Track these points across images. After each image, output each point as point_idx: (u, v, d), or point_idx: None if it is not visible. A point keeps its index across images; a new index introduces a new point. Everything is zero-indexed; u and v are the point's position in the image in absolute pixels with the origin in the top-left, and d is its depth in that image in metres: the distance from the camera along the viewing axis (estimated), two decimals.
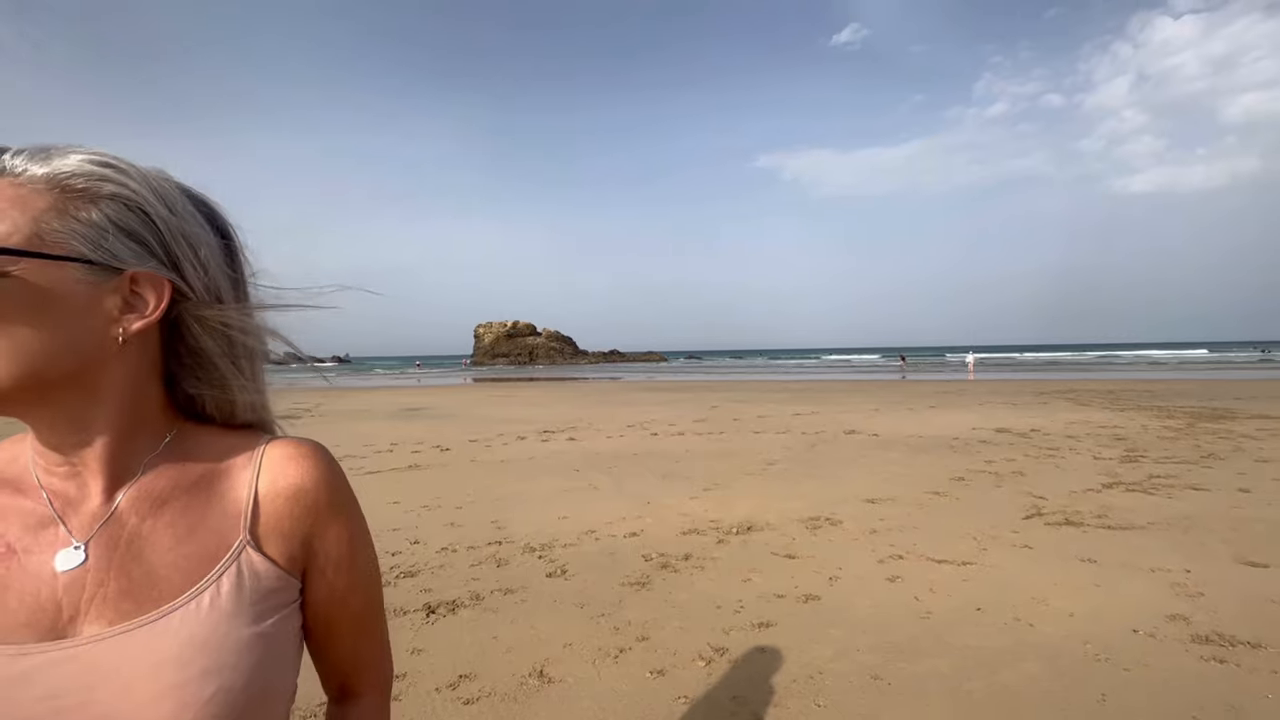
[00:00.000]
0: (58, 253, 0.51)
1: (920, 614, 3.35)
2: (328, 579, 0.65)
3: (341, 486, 0.66)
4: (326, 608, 0.66)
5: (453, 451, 9.36)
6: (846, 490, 6.23)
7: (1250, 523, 4.82)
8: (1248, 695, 2.51)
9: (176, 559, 0.57)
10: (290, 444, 0.66)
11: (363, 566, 0.68)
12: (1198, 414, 12.19)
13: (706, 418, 13.40)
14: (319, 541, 0.64)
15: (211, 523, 0.60)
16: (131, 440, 0.59)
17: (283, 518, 0.62)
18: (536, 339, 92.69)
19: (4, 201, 0.51)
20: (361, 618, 0.70)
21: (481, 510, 5.76)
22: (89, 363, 0.54)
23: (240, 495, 0.62)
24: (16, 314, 0.50)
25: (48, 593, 0.54)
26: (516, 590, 3.78)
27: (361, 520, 0.69)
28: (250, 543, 0.60)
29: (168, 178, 0.60)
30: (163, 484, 0.60)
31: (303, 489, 0.63)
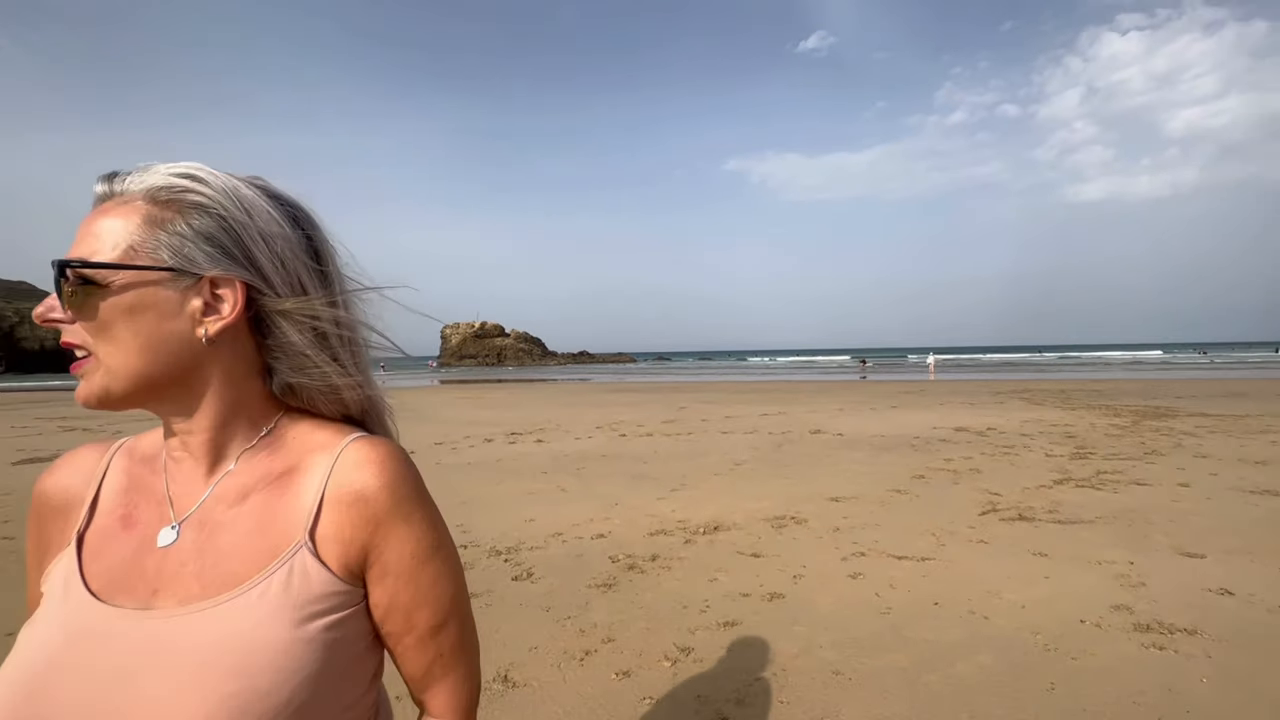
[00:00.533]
0: (144, 263, 0.58)
1: (881, 609, 3.43)
2: (389, 591, 0.63)
3: (410, 494, 0.64)
4: (390, 621, 0.64)
5: (417, 454, 9.19)
6: (812, 489, 6.33)
7: (1189, 515, 5.06)
8: (1185, 679, 2.64)
9: (246, 551, 0.60)
10: (367, 445, 0.64)
11: (431, 580, 0.64)
12: (1142, 412, 12.77)
13: (675, 418, 13.46)
14: (380, 550, 0.62)
15: (282, 518, 0.61)
16: (230, 431, 0.64)
17: (343, 523, 0.61)
18: (505, 340, 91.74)
19: (109, 219, 0.58)
20: (431, 635, 0.65)
21: (446, 513, 5.54)
22: (183, 361, 0.60)
23: (311, 494, 0.62)
24: (119, 320, 0.57)
25: (148, 565, 0.60)
26: (481, 594, 3.73)
27: (434, 532, 0.65)
28: (308, 544, 0.60)
29: (252, 182, 0.63)
30: (251, 475, 0.63)
31: (365, 494, 0.62)
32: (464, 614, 0.69)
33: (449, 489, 6.71)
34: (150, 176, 0.59)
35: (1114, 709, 2.44)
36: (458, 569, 0.68)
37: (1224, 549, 4.23)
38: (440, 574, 0.66)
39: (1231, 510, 5.20)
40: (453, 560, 0.68)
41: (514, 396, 22.54)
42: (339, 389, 0.66)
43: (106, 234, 0.57)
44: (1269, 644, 2.92)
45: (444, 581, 0.66)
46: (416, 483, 0.65)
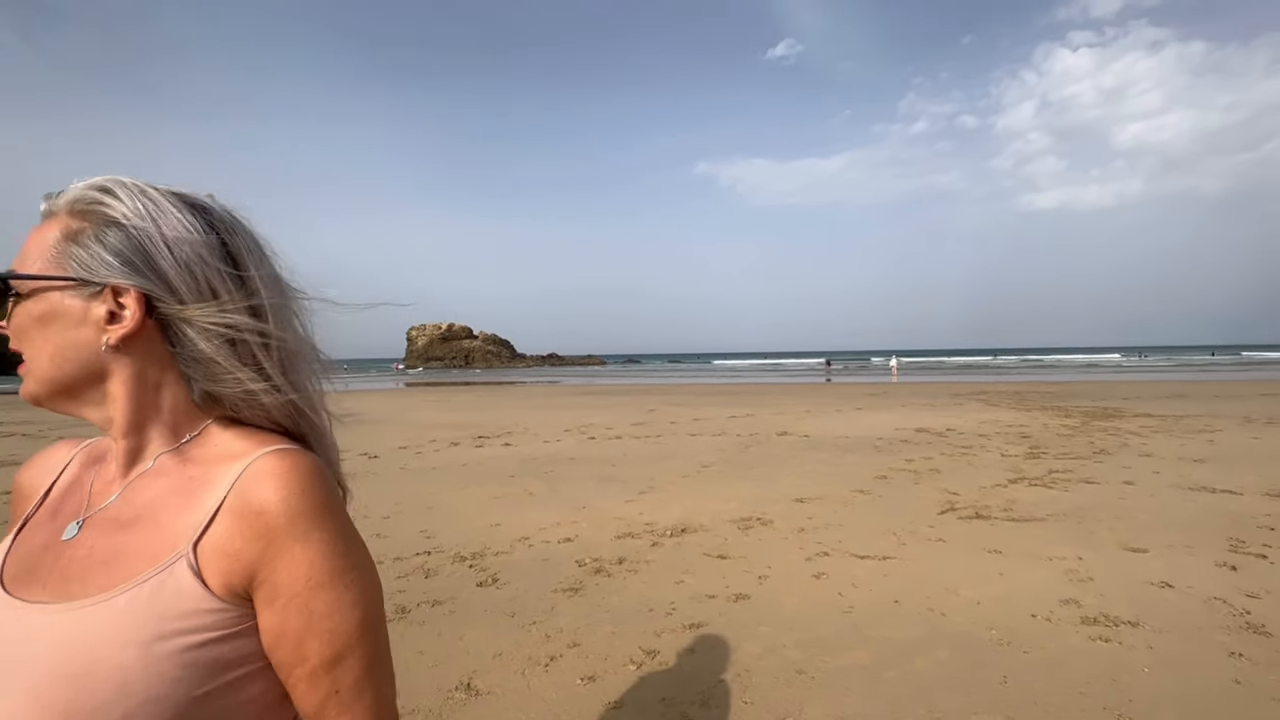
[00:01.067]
0: (54, 273, 0.60)
1: (843, 608, 3.49)
2: (278, 616, 0.58)
3: (310, 512, 0.58)
4: (279, 650, 0.58)
5: (381, 459, 9.00)
6: (778, 490, 6.41)
7: (1133, 512, 5.29)
8: (1128, 669, 2.75)
9: (132, 555, 0.58)
10: (276, 457, 0.61)
11: (327, 608, 0.58)
12: (1091, 413, 13.31)
13: (644, 421, 13.48)
14: (270, 570, 0.57)
15: (175, 527, 0.59)
16: (145, 436, 0.63)
17: (233, 536, 0.58)
18: (473, 342, 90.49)
19: (39, 234, 0.62)
20: (324, 669, 0.59)
21: (410, 520, 5.56)
22: (91, 368, 0.61)
23: (210, 503, 0.60)
24: (35, 329, 0.60)
25: (51, 559, 0.60)
26: (445, 601, 3.67)
27: (336, 555, 0.59)
28: (189, 556, 0.57)
29: (161, 188, 0.63)
30: (161, 480, 0.62)
31: (259, 508, 0.58)
32: (370, 650, 0.61)
33: (413, 494, 6.58)
34: (72, 191, 0.62)
35: (1062, 700, 2.54)
36: (367, 598, 0.61)
37: (1165, 544, 4.43)
38: (340, 602, 0.59)
39: (1172, 506, 5.45)
40: (360, 588, 0.61)
41: (481, 399, 22.26)
42: (256, 396, 0.64)
43: (33, 248, 0.61)
44: (1205, 634, 3.07)
45: (344, 611, 0.59)
46: (322, 500, 0.60)
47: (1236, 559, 4.08)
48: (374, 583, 0.63)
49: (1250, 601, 3.42)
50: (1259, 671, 2.70)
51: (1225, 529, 4.74)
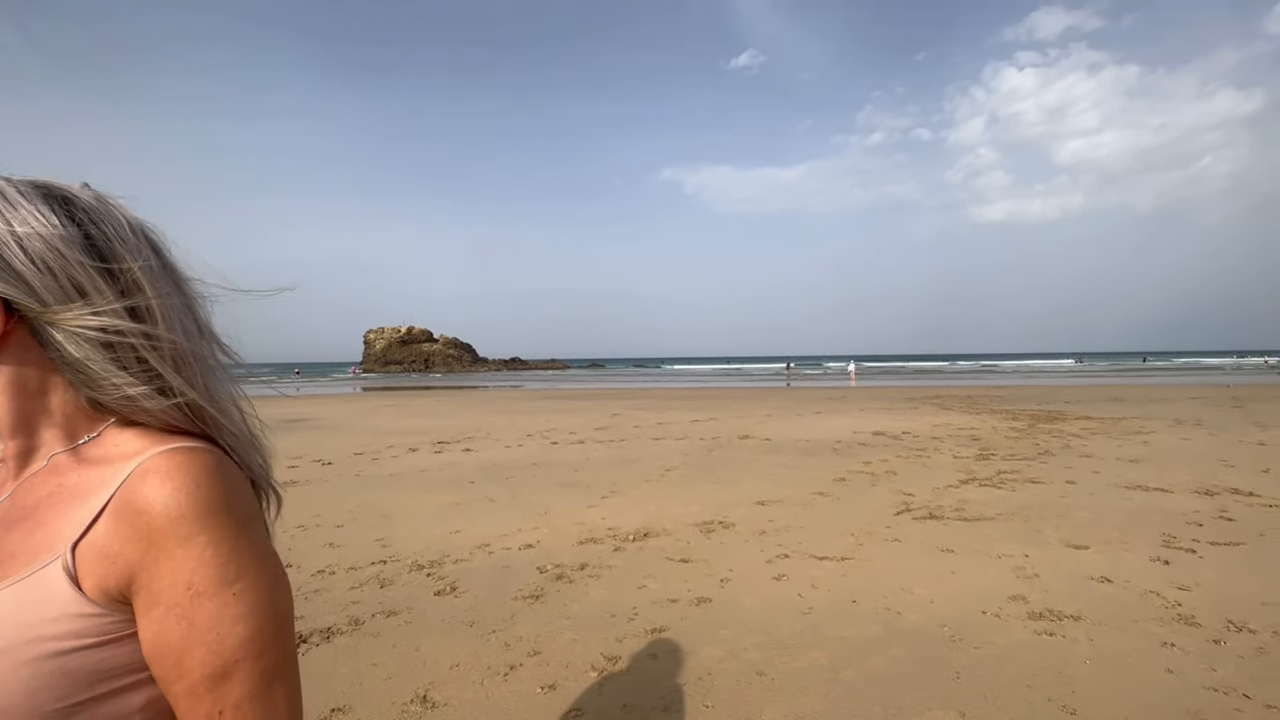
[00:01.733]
0: None
1: (803, 610, 3.53)
2: (156, 625, 0.53)
3: (195, 514, 0.54)
4: (158, 663, 0.54)
5: (335, 466, 8.72)
6: (739, 493, 6.47)
7: (1075, 510, 5.53)
8: (1071, 661, 2.87)
9: (10, 556, 0.55)
10: (167, 455, 0.57)
11: (211, 619, 0.53)
12: (1037, 416, 13.89)
13: (608, 425, 13.44)
14: (150, 575, 0.53)
15: (57, 527, 0.56)
16: (35, 437, 0.60)
17: (113, 538, 0.54)
18: (433, 345, 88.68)
19: None
20: (206, 686, 0.53)
21: (365, 528, 5.40)
22: None
23: (96, 504, 0.56)
24: None
25: None
26: (401, 611, 3.57)
27: (224, 562, 0.54)
28: (66, 557, 0.54)
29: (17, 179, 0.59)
30: (51, 480, 0.59)
31: (142, 508, 0.54)
32: (264, 667, 0.55)
33: (369, 502, 6.39)
34: None
35: (1010, 693, 2.62)
36: (261, 613, 0.55)
37: (1104, 540, 4.64)
38: (225, 614, 0.54)
39: (1110, 505, 5.72)
40: (252, 600, 0.55)
41: (442, 404, 21.83)
42: (137, 401, 0.59)
43: None
44: (1140, 625, 3.22)
45: (229, 625, 0.54)
46: (212, 500, 0.55)
47: (1169, 554, 4.31)
48: (271, 596, 0.57)
49: (1181, 594, 3.61)
50: (1189, 660, 2.85)
51: (1158, 525, 5.00)
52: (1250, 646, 2.96)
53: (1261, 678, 2.68)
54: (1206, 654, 2.90)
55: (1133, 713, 2.46)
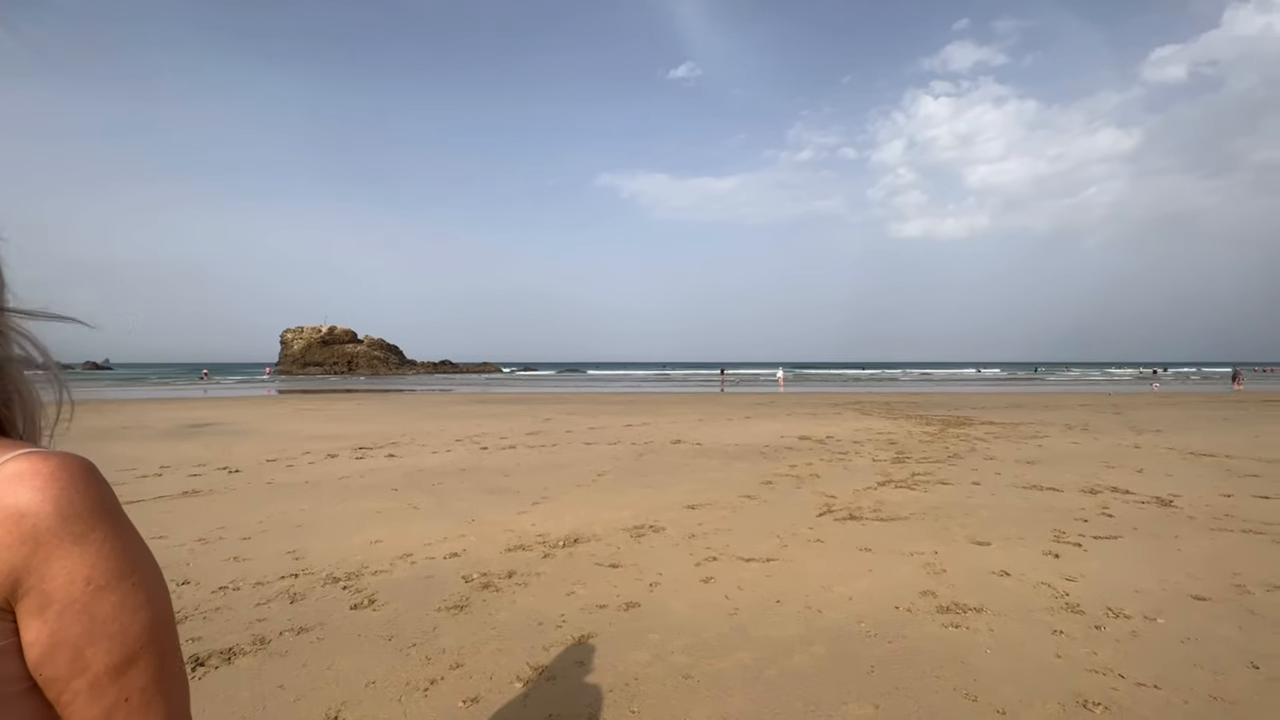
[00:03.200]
0: None
1: (729, 611, 3.60)
2: (52, 624, 0.52)
3: (87, 511, 0.54)
4: (53, 663, 0.53)
5: (244, 473, 8.14)
6: (670, 497, 6.53)
7: (979, 509, 5.93)
8: (973, 651, 3.06)
9: None
10: (37, 459, 0.55)
11: (113, 610, 0.54)
12: (947, 421, 14.82)
13: (539, 430, 13.26)
14: (40, 576, 0.52)
15: None
16: None
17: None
18: (357, 347, 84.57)
19: None
20: (111, 676, 0.54)
21: (275, 539, 5.06)
22: None
23: None
24: None
25: None
26: (313, 628, 3.36)
27: (121, 554, 0.56)
28: None
29: None
30: None
31: (23, 512, 0.52)
32: (162, 653, 0.58)
33: (280, 512, 6.00)
34: None
35: (919, 684, 2.76)
36: (156, 600, 0.58)
37: (1004, 537, 5.00)
38: (126, 604, 0.56)
39: (1010, 503, 6.17)
40: (148, 589, 0.58)
41: (365, 408, 20.85)
42: None
43: None
44: (1034, 615, 3.48)
45: (131, 614, 0.56)
46: (98, 499, 0.56)
47: (1059, 548, 4.69)
48: (161, 583, 0.60)
49: (1069, 585, 3.93)
50: (1075, 645, 3.10)
51: (1050, 522, 5.43)
52: (1125, 631, 3.26)
53: (1134, 659, 2.96)
54: (1089, 639, 3.17)
55: (1026, 696, 2.65)
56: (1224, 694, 2.65)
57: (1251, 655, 2.98)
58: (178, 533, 5.25)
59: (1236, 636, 3.19)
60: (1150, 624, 3.34)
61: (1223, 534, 5.04)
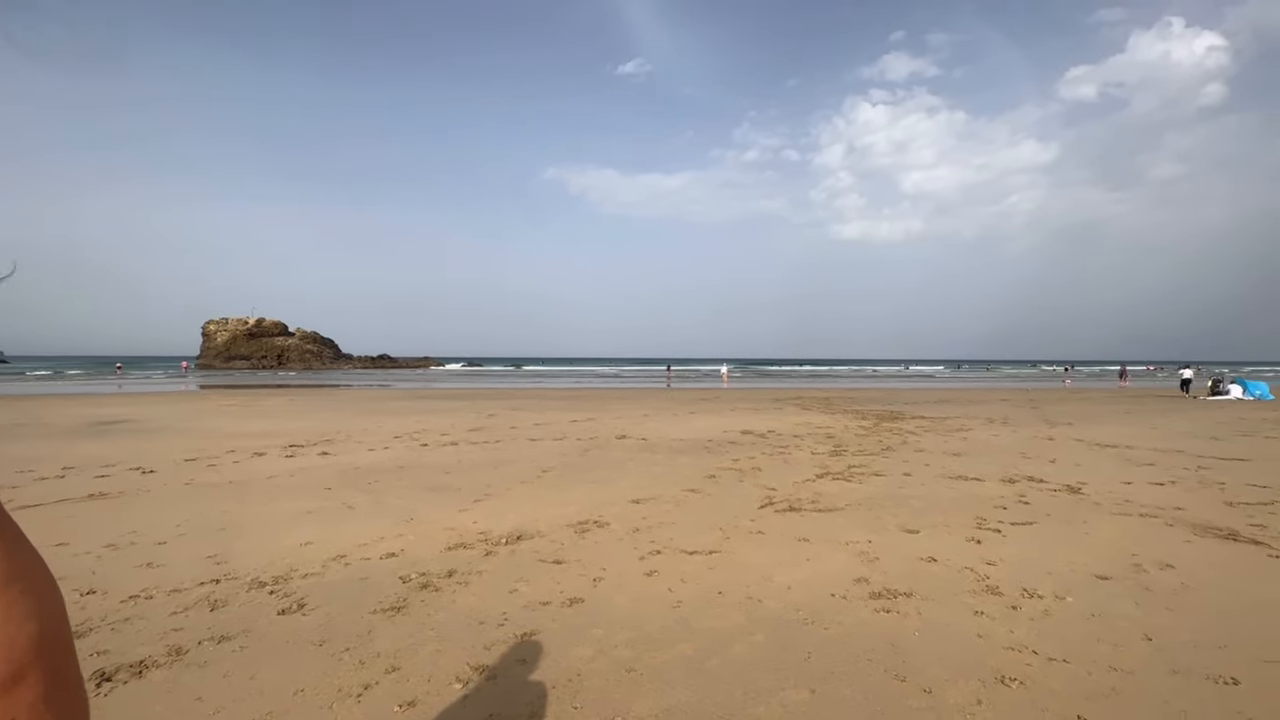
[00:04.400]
0: None
1: (673, 603, 3.63)
2: None
3: None
4: None
5: (159, 474, 7.61)
6: (615, 492, 6.53)
7: (910, 499, 6.22)
8: (903, 634, 3.20)
9: None
10: None
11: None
12: (882, 416, 15.47)
13: (483, 426, 13.00)
14: None
15: None
16: None
17: None
18: (288, 340, 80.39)
19: None
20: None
21: (194, 544, 4.75)
22: None
23: None
24: None
25: None
26: (235, 636, 3.18)
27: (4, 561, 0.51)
28: None
29: None
30: None
31: None
32: (54, 667, 0.53)
33: (200, 514, 5.64)
34: None
35: (852, 667, 2.87)
36: (46, 609, 0.54)
37: (932, 525, 5.26)
38: (12, 613, 0.51)
39: (938, 493, 6.50)
40: (36, 598, 0.53)
41: (297, 404, 19.87)
42: None
43: None
44: (958, 598, 3.68)
45: (18, 623, 0.51)
46: None
47: (980, 534, 4.97)
48: (53, 591, 0.55)
49: (989, 568, 4.17)
50: (994, 625, 3.30)
51: (973, 510, 5.75)
52: (1038, 610, 3.49)
53: (1046, 636, 3.17)
54: (1007, 619, 3.38)
55: (950, 674, 2.79)
56: (1122, 665, 2.88)
57: (1146, 629, 3.25)
58: (82, 539, 4.85)
59: (1134, 612, 3.47)
60: (1060, 603, 3.59)
61: (1123, 518, 5.48)
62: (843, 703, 2.59)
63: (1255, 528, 5.16)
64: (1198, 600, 3.63)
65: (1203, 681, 2.73)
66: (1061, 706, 2.54)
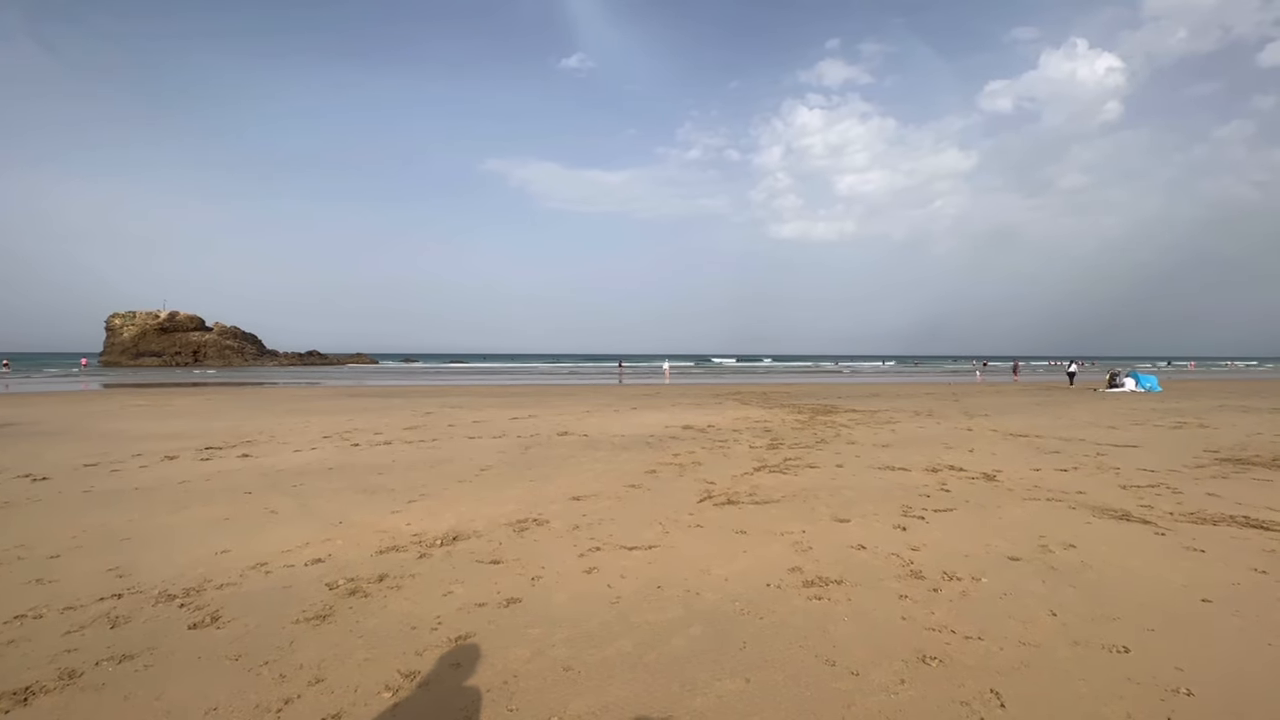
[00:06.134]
0: None
1: (611, 600, 3.62)
2: None
3: None
4: None
5: (53, 481, 6.96)
6: (555, 490, 6.47)
7: (842, 490, 6.46)
8: (833, 620, 3.32)
9: None
10: None
11: None
12: (816, 410, 16.00)
13: (419, 425, 12.59)
14: None
15: None
16: None
17: None
18: (205, 335, 75.25)
19: None
20: None
21: (93, 556, 4.37)
22: None
23: None
24: None
25: None
26: (139, 654, 2.94)
27: None
28: None
29: None
30: None
31: None
32: None
33: (100, 524, 5.20)
34: None
35: (786, 654, 2.95)
36: None
37: (862, 514, 5.48)
38: None
39: (868, 483, 6.78)
40: None
41: (214, 403, 18.63)
42: None
43: None
44: (884, 583, 3.85)
45: None
46: None
47: (906, 521, 5.22)
48: None
49: (913, 554, 4.39)
50: (917, 607, 3.47)
51: (900, 498, 6.03)
52: (957, 591, 3.70)
53: (963, 615, 3.36)
54: (928, 601, 3.56)
55: (876, 656, 2.92)
56: (1030, 640, 3.08)
57: (1051, 605, 3.50)
58: None
59: (1040, 590, 3.73)
60: (976, 584, 3.82)
61: (1033, 502, 5.88)
62: (775, 689, 2.65)
63: (1144, 508, 5.65)
64: (1095, 577, 3.94)
65: (1099, 651, 2.97)
66: (976, 681, 2.70)
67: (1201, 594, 3.65)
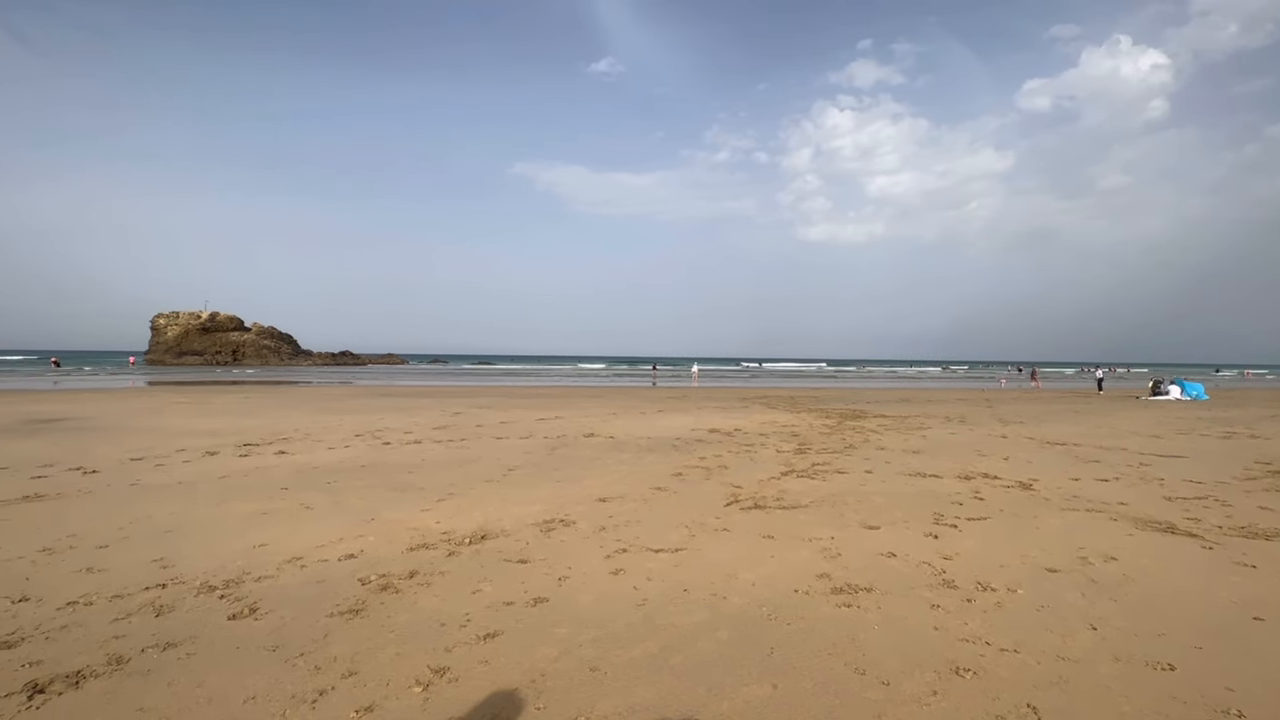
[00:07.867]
0: None
1: (637, 601, 3.63)
2: None
3: None
4: None
5: (102, 474, 7.26)
6: (582, 491, 6.50)
7: (872, 496, 6.36)
8: (863, 629, 3.27)
9: None
10: None
11: None
12: (845, 415, 15.78)
13: (448, 424, 12.78)
14: None
15: None
16: None
17: None
18: (244, 335, 77.63)
19: None
20: None
21: (139, 547, 4.54)
22: None
23: None
24: None
25: None
26: (182, 643, 3.05)
27: None
28: None
29: None
30: None
31: None
32: None
33: (146, 516, 5.40)
34: None
35: (814, 661, 2.92)
36: None
37: (892, 521, 5.38)
38: None
39: (898, 490, 6.66)
40: None
41: (251, 401, 19.20)
42: None
43: None
44: (916, 592, 3.77)
45: None
46: None
47: (938, 529, 5.11)
48: None
49: (946, 563, 4.29)
50: (950, 618, 3.39)
51: (931, 506, 5.91)
52: (991, 602, 3.60)
53: (998, 627, 3.27)
54: (961, 611, 3.48)
55: (907, 667, 2.86)
56: (1069, 654, 2.99)
57: (1091, 619, 3.39)
58: (15, 543, 4.59)
59: (1079, 603, 3.61)
60: (1012, 595, 3.72)
61: (1071, 513, 5.70)
62: (803, 697, 2.62)
63: (1191, 521, 5.43)
64: (1138, 590, 3.80)
65: (1143, 668, 2.86)
66: (1012, 695, 2.62)
67: (1253, 611, 3.49)
